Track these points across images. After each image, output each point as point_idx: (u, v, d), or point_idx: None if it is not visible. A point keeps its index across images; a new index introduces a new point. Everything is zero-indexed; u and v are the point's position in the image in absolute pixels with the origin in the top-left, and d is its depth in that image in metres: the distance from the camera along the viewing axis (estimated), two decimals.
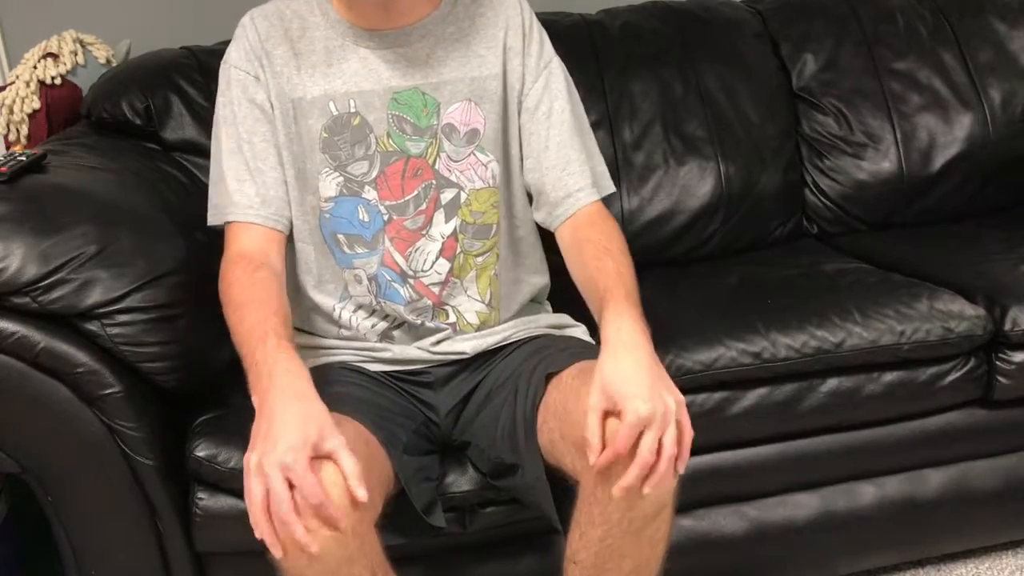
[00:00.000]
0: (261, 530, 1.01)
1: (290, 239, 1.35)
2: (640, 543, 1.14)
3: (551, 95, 1.36)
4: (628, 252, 1.29)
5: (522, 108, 1.36)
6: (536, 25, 1.37)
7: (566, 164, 1.35)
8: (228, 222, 1.31)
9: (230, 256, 1.28)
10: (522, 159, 1.38)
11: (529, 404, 1.23)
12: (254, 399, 1.09)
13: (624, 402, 1.04)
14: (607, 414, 1.07)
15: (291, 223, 1.34)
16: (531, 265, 1.45)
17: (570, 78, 1.40)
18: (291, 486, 0.99)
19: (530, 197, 1.40)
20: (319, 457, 1.02)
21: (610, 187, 1.42)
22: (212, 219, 1.35)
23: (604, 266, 1.24)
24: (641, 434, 1.04)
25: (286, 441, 1.00)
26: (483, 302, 1.38)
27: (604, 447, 1.06)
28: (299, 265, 1.37)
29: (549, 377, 1.23)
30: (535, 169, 1.36)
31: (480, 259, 1.37)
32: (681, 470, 1.09)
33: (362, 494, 1.00)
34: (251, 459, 1.02)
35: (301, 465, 0.99)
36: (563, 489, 1.20)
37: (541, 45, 1.37)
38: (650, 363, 1.09)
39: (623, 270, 1.24)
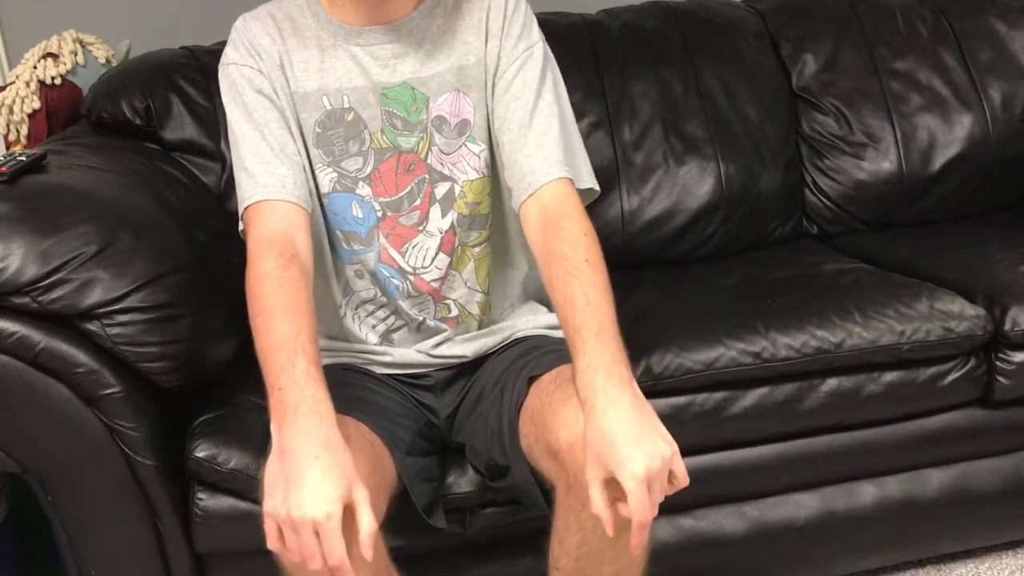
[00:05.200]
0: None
1: None
2: (618, 549, 1.13)
3: (524, 78, 1.30)
4: (598, 257, 1.19)
5: (495, 90, 1.31)
6: (522, 9, 1.32)
7: (523, 145, 1.27)
8: (252, 203, 1.23)
9: (257, 241, 1.20)
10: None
11: (512, 409, 1.23)
12: (273, 427, 1.05)
13: (618, 471, 1.00)
14: (608, 480, 1.03)
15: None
16: (521, 256, 1.44)
17: (557, 70, 1.35)
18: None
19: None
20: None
21: (590, 182, 1.34)
22: (240, 213, 1.27)
23: (571, 293, 1.15)
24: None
25: (318, 495, 0.96)
26: (484, 292, 1.39)
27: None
28: None
29: (532, 380, 1.22)
30: (500, 153, 1.31)
31: (477, 250, 1.37)
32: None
33: (369, 555, 0.98)
34: (278, 511, 0.98)
35: (334, 523, 0.96)
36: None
37: (524, 29, 1.31)
38: (635, 414, 1.04)
39: (591, 293, 1.14)
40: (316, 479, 0.97)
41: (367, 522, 0.98)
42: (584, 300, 1.14)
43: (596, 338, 1.10)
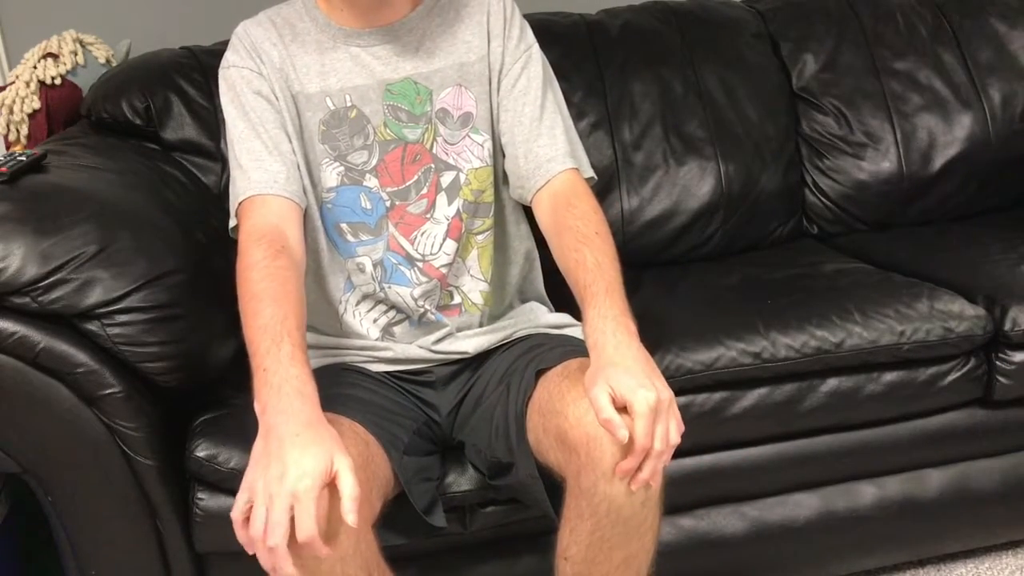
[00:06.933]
0: (257, 552, 1.00)
1: None
2: (629, 533, 1.14)
3: (528, 76, 1.37)
4: (608, 232, 1.27)
5: (500, 87, 1.38)
6: (518, 14, 1.40)
7: (537, 136, 1.35)
8: (245, 198, 1.26)
9: (248, 233, 1.22)
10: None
11: (520, 402, 1.23)
12: (256, 406, 1.07)
13: (629, 394, 1.05)
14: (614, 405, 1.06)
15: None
16: (518, 246, 1.46)
17: (551, 70, 1.42)
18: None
19: (506, 176, 1.41)
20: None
21: (590, 172, 1.39)
22: (232, 210, 1.30)
23: (582, 258, 1.22)
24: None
25: (297, 470, 0.98)
26: (485, 281, 1.40)
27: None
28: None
29: (539, 374, 1.23)
30: (509, 144, 1.37)
31: (480, 237, 1.40)
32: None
33: (352, 519, 0.98)
34: (257, 483, 0.99)
35: (310, 497, 0.97)
36: (560, 486, 1.20)
37: (522, 31, 1.39)
38: (641, 357, 1.11)
39: (601, 258, 1.22)
40: (296, 455, 0.99)
41: (348, 487, 0.99)
42: (595, 263, 1.21)
43: (606, 293, 1.17)
